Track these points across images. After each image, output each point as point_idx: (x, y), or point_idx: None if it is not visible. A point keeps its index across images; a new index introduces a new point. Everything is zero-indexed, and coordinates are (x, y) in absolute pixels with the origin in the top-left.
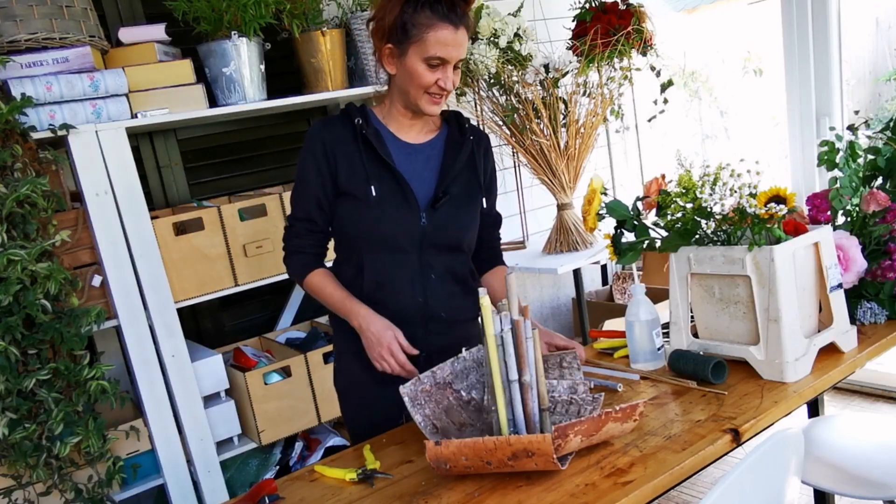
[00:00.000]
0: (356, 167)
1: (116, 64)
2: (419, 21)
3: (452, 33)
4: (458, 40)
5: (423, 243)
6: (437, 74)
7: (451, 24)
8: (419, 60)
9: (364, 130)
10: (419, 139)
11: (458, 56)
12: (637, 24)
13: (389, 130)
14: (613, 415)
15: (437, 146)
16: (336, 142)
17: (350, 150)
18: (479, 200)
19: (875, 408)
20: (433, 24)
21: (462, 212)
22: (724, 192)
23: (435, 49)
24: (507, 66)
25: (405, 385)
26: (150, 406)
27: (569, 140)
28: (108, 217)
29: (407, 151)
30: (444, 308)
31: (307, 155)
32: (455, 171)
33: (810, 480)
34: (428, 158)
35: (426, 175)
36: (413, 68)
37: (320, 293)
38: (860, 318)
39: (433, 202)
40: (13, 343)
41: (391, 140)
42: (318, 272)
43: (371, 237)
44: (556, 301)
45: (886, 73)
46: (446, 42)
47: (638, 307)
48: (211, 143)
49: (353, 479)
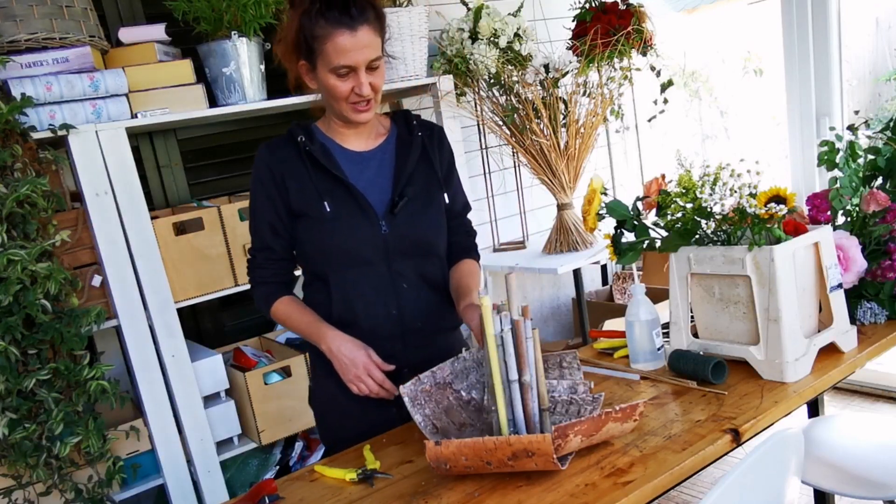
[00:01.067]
0: (306, 186)
1: (116, 64)
2: (316, 33)
3: (351, 37)
4: (358, 43)
5: (389, 252)
6: (350, 83)
7: (346, 29)
8: (328, 73)
9: (308, 147)
10: (368, 146)
11: (366, 58)
12: (637, 24)
13: (336, 142)
14: (613, 415)
15: (387, 150)
16: (282, 164)
17: (298, 170)
18: (440, 197)
19: (875, 408)
20: (328, 33)
21: (423, 212)
22: (724, 192)
23: (337, 58)
24: (507, 66)
25: (405, 385)
26: (150, 406)
27: (569, 140)
28: (108, 217)
29: (357, 161)
30: (422, 318)
31: (255, 183)
32: (409, 172)
33: (810, 480)
34: (380, 164)
35: (380, 182)
36: (325, 82)
37: (288, 321)
38: (860, 318)
39: (391, 208)
40: (13, 343)
41: (339, 152)
42: (284, 300)
43: (332, 254)
44: (556, 301)
45: (886, 73)
46: (346, 49)
47: (638, 307)
48: (211, 143)
49: (353, 479)
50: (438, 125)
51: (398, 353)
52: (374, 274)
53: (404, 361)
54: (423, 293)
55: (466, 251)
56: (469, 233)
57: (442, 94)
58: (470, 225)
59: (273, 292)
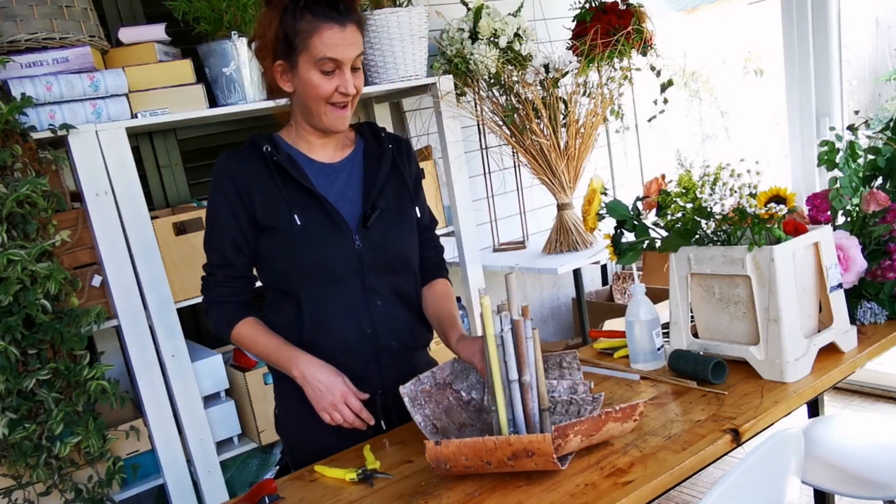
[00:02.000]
0: (274, 198)
1: (116, 64)
2: (301, 28)
3: (339, 32)
4: (347, 38)
5: (363, 267)
6: (334, 81)
7: (335, 24)
8: (311, 69)
9: (276, 157)
10: (336, 157)
11: (352, 55)
12: (637, 24)
13: (302, 153)
14: (613, 415)
15: (355, 161)
16: (246, 175)
17: (264, 181)
18: (412, 209)
19: (875, 408)
20: (316, 27)
21: (397, 225)
22: (724, 192)
23: (323, 51)
24: (507, 66)
25: (405, 385)
26: (150, 406)
27: (569, 140)
28: (108, 217)
29: (325, 172)
30: (395, 337)
31: (216, 194)
32: (380, 184)
33: (810, 480)
34: (349, 176)
35: (350, 194)
36: (307, 79)
37: (251, 345)
38: (860, 318)
39: (363, 221)
40: (13, 343)
41: (306, 163)
42: (247, 322)
43: (303, 270)
44: (556, 301)
45: (886, 73)
46: (334, 42)
47: (638, 307)
48: (211, 143)
49: (353, 479)
50: (405, 138)
51: (372, 375)
52: (347, 290)
53: (378, 383)
54: (397, 310)
55: (437, 268)
56: (437, 248)
57: (442, 94)
58: (437, 239)
59: (234, 313)
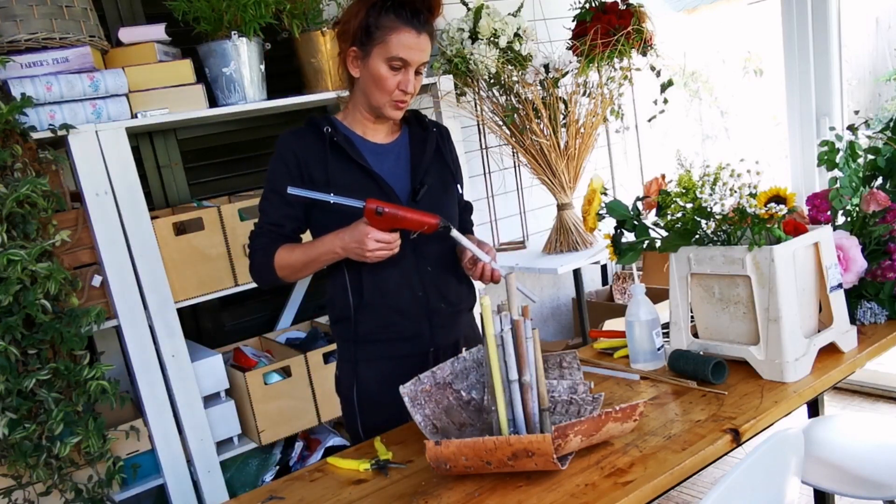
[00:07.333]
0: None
1: (116, 64)
2: (383, 24)
3: (415, 37)
4: (420, 45)
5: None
6: (398, 77)
7: (413, 29)
8: (382, 62)
9: (335, 137)
10: (386, 139)
11: (420, 60)
12: (637, 24)
13: (357, 134)
14: (613, 415)
15: (402, 144)
16: (307, 152)
17: (322, 159)
18: (454, 189)
19: (875, 408)
20: (396, 27)
21: (443, 198)
22: (724, 192)
23: (397, 50)
24: (507, 66)
25: (405, 385)
26: (150, 406)
27: (569, 140)
28: (108, 217)
29: (377, 152)
30: (444, 299)
31: (279, 164)
32: (426, 164)
33: (810, 480)
34: (398, 157)
35: (399, 172)
36: (376, 70)
37: (290, 257)
38: (860, 318)
39: (412, 196)
40: (13, 343)
41: (361, 143)
42: (282, 248)
43: None
44: (556, 301)
45: (886, 73)
46: (409, 45)
47: (638, 307)
48: (211, 143)
49: (367, 469)
50: (445, 126)
51: (424, 333)
52: (400, 257)
53: (429, 342)
54: (444, 275)
55: None
56: (470, 231)
57: (442, 94)
58: (471, 224)
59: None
